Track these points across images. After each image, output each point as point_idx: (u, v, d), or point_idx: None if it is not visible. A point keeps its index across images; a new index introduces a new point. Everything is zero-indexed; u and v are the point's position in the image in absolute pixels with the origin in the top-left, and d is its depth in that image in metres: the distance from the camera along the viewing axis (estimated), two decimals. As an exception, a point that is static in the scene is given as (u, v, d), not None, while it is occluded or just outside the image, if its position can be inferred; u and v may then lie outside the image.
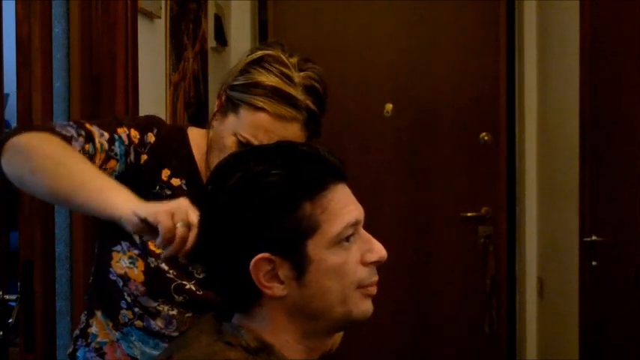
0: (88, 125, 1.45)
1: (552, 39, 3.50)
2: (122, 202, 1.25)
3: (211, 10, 3.30)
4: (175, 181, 1.51)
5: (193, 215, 1.20)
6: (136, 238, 1.48)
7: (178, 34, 2.78)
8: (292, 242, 1.09)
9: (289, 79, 1.45)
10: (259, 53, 1.49)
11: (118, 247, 1.51)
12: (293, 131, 1.44)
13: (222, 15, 3.51)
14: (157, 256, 1.48)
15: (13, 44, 1.96)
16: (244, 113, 1.44)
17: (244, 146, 1.42)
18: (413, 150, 3.85)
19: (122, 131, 1.48)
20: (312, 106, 1.45)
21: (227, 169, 1.14)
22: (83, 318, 1.61)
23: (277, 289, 1.10)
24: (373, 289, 1.15)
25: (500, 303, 3.85)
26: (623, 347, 2.61)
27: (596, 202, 2.85)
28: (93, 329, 1.57)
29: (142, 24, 2.27)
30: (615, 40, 2.70)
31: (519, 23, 3.80)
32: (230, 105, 1.47)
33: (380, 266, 1.17)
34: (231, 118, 1.47)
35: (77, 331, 1.61)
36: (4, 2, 1.94)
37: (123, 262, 1.50)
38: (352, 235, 1.13)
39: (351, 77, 3.86)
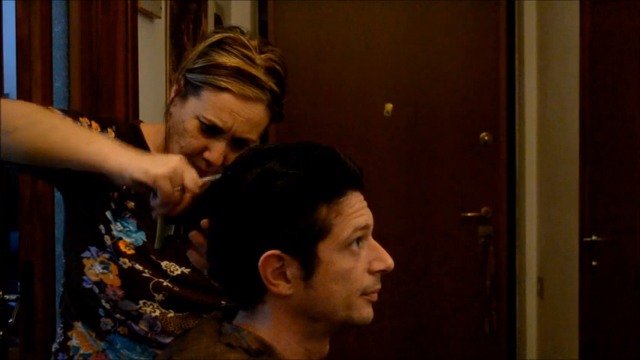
0: (50, 108, 1.43)
1: (552, 39, 3.50)
2: (113, 155, 1.24)
3: (211, 10, 3.30)
4: None
5: (188, 178, 1.22)
6: (108, 239, 1.44)
7: (178, 34, 2.77)
8: (304, 242, 1.10)
9: (251, 60, 1.40)
10: (218, 36, 1.44)
11: (87, 254, 1.46)
12: (257, 112, 1.40)
13: (222, 15, 3.51)
14: (129, 257, 1.44)
15: (13, 44, 1.96)
16: (207, 95, 1.39)
17: (207, 129, 1.39)
18: (413, 150, 3.85)
19: (83, 120, 1.43)
20: (274, 87, 1.41)
21: (247, 163, 1.14)
22: (60, 331, 1.54)
23: (283, 288, 1.11)
24: (375, 297, 1.16)
25: (500, 303, 3.85)
26: (623, 347, 2.61)
27: (596, 202, 2.85)
28: (73, 342, 1.51)
29: (142, 24, 2.27)
30: (615, 40, 2.70)
31: (519, 23, 3.80)
32: (190, 88, 1.42)
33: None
34: (192, 102, 1.41)
35: (56, 345, 1.55)
36: (4, 2, 1.94)
37: (96, 269, 1.44)
38: (361, 240, 1.14)
39: (351, 77, 3.86)
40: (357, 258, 1.13)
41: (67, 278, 1.53)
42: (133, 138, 1.48)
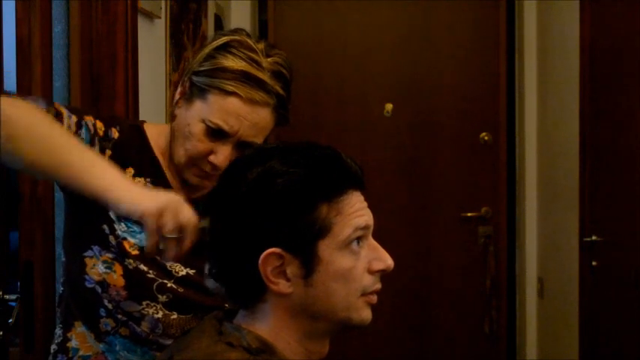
0: (57, 105, 1.41)
1: (552, 39, 3.50)
2: (110, 188, 1.22)
3: (211, 10, 3.30)
4: (139, 180, 1.46)
5: (184, 214, 1.20)
6: (112, 239, 1.43)
7: (178, 34, 2.77)
8: (304, 241, 1.10)
9: (258, 63, 1.39)
10: (225, 39, 1.42)
11: (90, 253, 1.45)
12: (264, 116, 1.40)
13: (222, 15, 3.51)
14: (134, 257, 1.43)
15: (13, 44, 1.96)
16: (213, 99, 1.38)
17: (213, 133, 1.38)
18: (413, 150, 3.85)
19: (89, 119, 1.42)
20: (281, 91, 1.41)
21: (248, 162, 1.15)
22: (59, 332, 1.53)
23: (283, 286, 1.11)
24: (374, 298, 1.17)
25: (500, 303, 3.85)
26: (623, 347, 2.61)
27: (596, 202, 2.85)
28: (73, 343, 1.50)
29: (142, 24, 2.27)
30: (615, 40, 2.70)
31: (519, 23, 3.80)
32: (196, 91, 1.40)
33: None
34: (197, 105, 1.40)
35: (54, 346, 1.54)
36: (4, 2, 1.94)
37: (99, 268, 1.43)
38: (361, 239, 1.14)
39: (351, 77, 3.86)
40: (357, 257, 1.13)
41: (68, 277, 1.52)
42: (137, 139, 1.49)
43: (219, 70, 1.39)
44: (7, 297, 1.88)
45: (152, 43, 2.48)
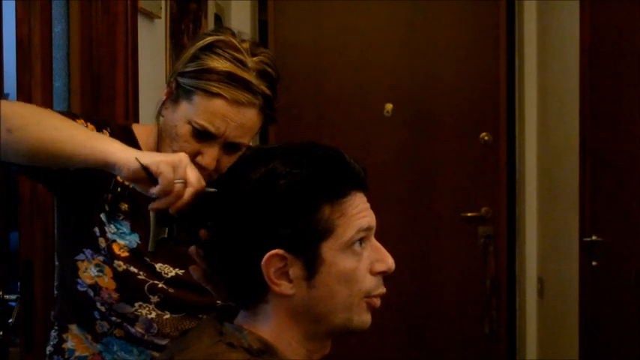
0: (49, 110, 1.43)
1: (552, 39, 3.50)
2: (117, 149, 1.24)
3: (211, 10, 3.30)
4: (127, 182, 1.44)
5: (192, 173, 1.20)
6: (102, 241, 1.44)
7: (178, 34, 2.77)
8: (307, 242, 1.10)
9: (243, 63, 1.39)
10: (210, 39, 1.41)
11: (82, 256, 1.45)
12: (250, 117, 1.40)
13: (222, 15, 3.51)
14: (124, 259, 1.43)
15: (13, 44, 1.96)
16: (199, 100, 1.38)
17: (199, 134, 1.38)
18: (413, 150, 3.85)
19: (80, 122, 1.42)
20: (266, 90, 1.41)
21: (252, 163, 1.14)
22: (54, 334, 1.54)
23: (285, 287, 1.11)
24: (377, 302, 1.16)
25: (500, 303, 3.85)
26: (623, 347, 2.61)
27: (596, 202, 2.85)
28: (69, 344, 1.51)
29: (142, 24, 2.27)
30: (615, 40, 2.70)
31: (519, 23, 3.80)
32: (182, 92, 1.41)
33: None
34: (183, 106, 1.40)
35: (50, 348, 1.55)
36: (4, 2, 1.94)
37: (91, 272, 1.44)
38: (364, 240, 1.14)
39: (351, 77, 3.86)
40: (359, 258, 1.13)
41: (61, 281, 1.53)
42: (126, 139, 1.47)
43: (204, 71, 1.39)
44: (7, 297, 1.88)
45: (152, 43, 2.48)
